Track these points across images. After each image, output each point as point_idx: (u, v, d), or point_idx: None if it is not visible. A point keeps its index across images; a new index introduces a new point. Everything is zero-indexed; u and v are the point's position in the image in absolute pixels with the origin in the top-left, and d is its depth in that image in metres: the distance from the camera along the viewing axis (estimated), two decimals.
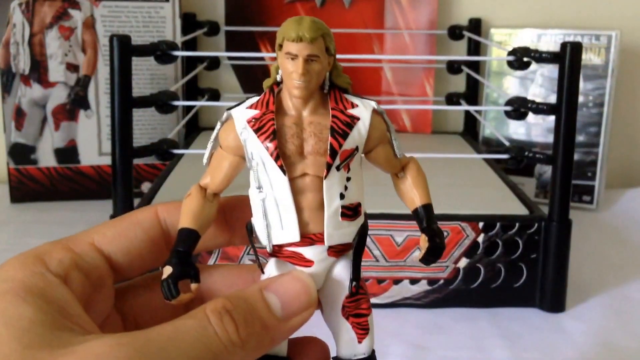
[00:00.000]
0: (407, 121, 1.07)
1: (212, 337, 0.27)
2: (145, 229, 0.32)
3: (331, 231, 0.31)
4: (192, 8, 1.04)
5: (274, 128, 0.30)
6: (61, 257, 0.29)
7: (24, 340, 0.25)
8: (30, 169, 0.94)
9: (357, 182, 0.32)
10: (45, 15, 0.91)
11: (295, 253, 0.31)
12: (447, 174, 0.80)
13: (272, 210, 0.31)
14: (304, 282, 0.30)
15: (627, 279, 0.76)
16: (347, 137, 0.31)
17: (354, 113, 0.31)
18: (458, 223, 0.67)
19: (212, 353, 0.27)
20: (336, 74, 0.32)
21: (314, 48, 0.30)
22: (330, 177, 0.31)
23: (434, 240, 0.32)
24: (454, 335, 0.64)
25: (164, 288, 0.29)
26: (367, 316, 0.32)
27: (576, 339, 0.63)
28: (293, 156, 0.30)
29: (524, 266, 0.68)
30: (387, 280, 0.67)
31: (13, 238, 0.83)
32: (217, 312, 0.27)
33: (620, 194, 1.01)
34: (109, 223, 0.32)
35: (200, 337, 0.27)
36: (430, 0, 1.03)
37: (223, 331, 0.27)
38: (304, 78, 0.30)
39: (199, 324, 0.27)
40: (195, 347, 0.26)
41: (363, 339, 0.32)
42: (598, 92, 0.95)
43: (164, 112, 0.69)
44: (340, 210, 0.31)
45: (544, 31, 0.97)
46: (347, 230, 0.32)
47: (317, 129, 0.31)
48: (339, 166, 0.31)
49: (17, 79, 0.92)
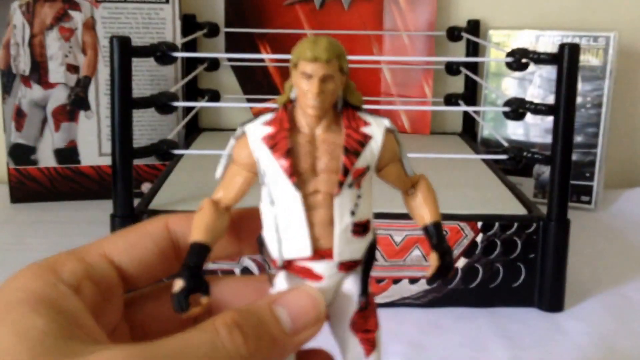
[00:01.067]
0: (406, 122, 1.07)
1: (221, 351, 0.27)
2: (155, 241, 0.33)
3: (342, 247, 0.31)
4: (192, 9, 1.04)
5: (288, 146, 0.31)
6: (73, 268, 0.30)
7: (35, 350, 0.25)
8: (31, 169, 0.94)
9: (367, 199, 0.32)
10: (46, 16, 0.91)
11: (305, 268, 0.32)
12: (446, 174, 0.81)
13: (284, 225, 0.31)
14: (313, 297, 0.31)
15: (626, 279, 0.76)
16: (359, 155, 0.31)
17: (366, 132, 0.32)
18: (457, 223, 0.67)
19: None
20: (349, 92, 0.33)
21: (329, 68, 0.31)
22: (341, 195, 0.31)
23: (445, 258, 0.33)
24: (453, 334, 0.64)
25: (175, 302, 0.30)
26: (375, 332, 0.33)
27: (575, 339, 0.63)
28: (306, 173, 0.31)
29: (522, 266, 0.68)
30: (386, 279, 0.68)
31: (13, 238, 0.83)
32: (227, 326, 0.28)
33: (618, 194, 1.01)
34: (119, 234, 0.33)
35: (208, 351, 0.27)
36: (429, 2, 1.03)
37: (232, 345, 0.27)
38: (319, 98, 0.30)
39: (208, 337, 0.27)
40: None
41: (370, 353, 0.33)
42: (596, 93, 0.95)
43: (163, 112, 0.70)
44: (351, 227, 0.32)
45: (542, 32, 0.98)
46: (357, 247, 0.32)
47: (330, 147, 0.31)
48: (351, 184, 0.31)
49: (17, 79, 0.92)
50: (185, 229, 0.33)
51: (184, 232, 0.33)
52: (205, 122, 1.08)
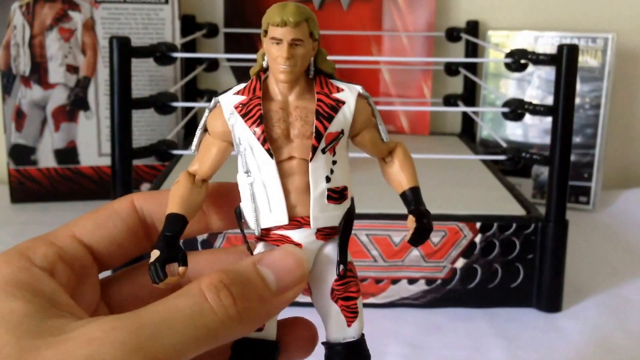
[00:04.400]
0: (404, 122, 1.07)
1: (209, 313, 0.27)
2: (123, 218, 0.33)
3: (317, 214, 0.31)
4: (191, 10, 1.04)
5: (260, 113, 0.31)
6: (45, 251, 0.30)
7: (17, 332, 0.25)
8: (30, 170, 0.94)
9: (343, 166, 0.32)
10: (46, 17, 0.92)
11: (283, 236, 0.32)
12: (445, 174, 0.81)
13: (260, 194, 0.31)
14: (297, 256, 0.31)
15: (623, 279, 0.76)
16: (332, 120, 0.31)
17: (339, 97, 0.32)
18: (455, 223, 0.67)
19: (208, 329, 0.27)
20: (321, 59, 0.33)
21: (298, 32, 0.31)
22: (315, 160, 0.31)
23: (421, 221, 0.32)
24: (451, 335, 0.64)
25: (151, 271, 0.29)
26: (356, 299, 0.32)
27: (573, 339, 0.64)
28: (280, 140, 0.31)
29: (520, 266, 0.68)
30: (385, 280, 0.68)
31: (13, 238, 0.83)
32: (214, 287, 0.27)
33: (616, 194, 1.02)
34: (87, 215, 0.33)
35: (195, 314, 0.27)
36: (428, 3, 1.04)
37: (220, 306, 0.27)
38: (288, 62, 0.31)
39: (195, 301, 0.27)
40: (190, 326, 0.26)
41: (352, 322, 0.32)
42: (594, 94, 0.95)
43: (163, 113, 0.70)
44: (327, 193, 0.31)
45: (541, 33, 0.98)
46: (334, 214, 0.32)
47: (303, 112, 0.31)
48: (325, 149, 0.31)
49: (17, 80, 0.92)
50: (151, 206, 0.33)
51: (150, 208, 0.33)
52: None
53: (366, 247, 0.67)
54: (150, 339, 0.25)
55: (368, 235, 0.67)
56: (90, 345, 0.24)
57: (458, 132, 1.09)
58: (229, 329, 0.27)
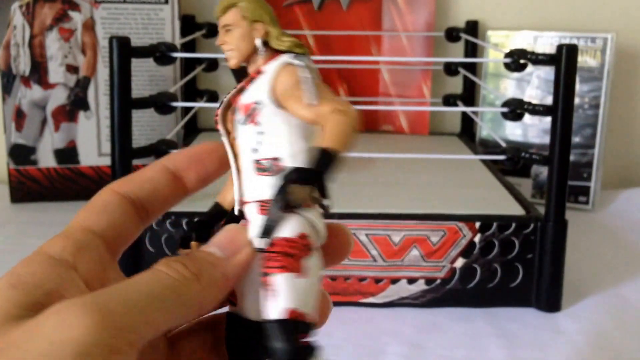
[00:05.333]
0: (404, 122, 1.07)
1: (165, 277, 0.28)
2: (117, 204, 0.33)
3: (248, 186, 0.31)
4: (191, 10, 1.04)
5: (224, 98, 0.32)
6: (64, 245, 0.30)
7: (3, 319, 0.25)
8: (30, 170, 0.94)
9: (275, 136, 0.31)
10: (46, 17, 0.92)
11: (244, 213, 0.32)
12: (444, 174, 0.81)
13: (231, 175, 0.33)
14: (234, 228, 0.31)
15: (623, 279, 0.76)
16: (243, 91, 0.32)
17: (263, 68, 0.32)
18: (455, 223, 0.67)
19: (170, 289, 0.27)
20: (271, 38, 0.32)
21: (227, 18, 0.32)
22: (238, 133, 0.32)
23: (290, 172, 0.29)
24: (451, 334, 0.64)
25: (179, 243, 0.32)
26: (272, 276, 0.29)
27: (572, 338, 0.64)
28: (230, 121, 0.32)
29: (520, 266, 0.68)
30: (384, 280, 0.68)
31: (13, 238, 0.83)
32: (163, 263, 0.29)
33: (615, 194, 1.02)
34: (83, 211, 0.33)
35: (154, 279, 0.27)
36: (428, 3, 1.04)
37: (173, 271, 0.28)
38: (224, 47, 0.32)
39: (150, 271, 0.28)
40: (152, 287, 0.27)
41: (269, 300, 0.29)
42: (594, 93, 0.95)
43: (163, 113, 0.70)
44: (254, 165, 0.31)
45: (540, 33, 0.98)
46: (265, 186, 0.31)
47: None
48: (244, 121, 0.31)
49: (17, 80, 0.92)
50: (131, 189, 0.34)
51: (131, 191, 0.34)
52: (204, 122, 1.09)
53: (366, 246, 0.67)
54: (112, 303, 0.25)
55: (367, 235, 0.67)
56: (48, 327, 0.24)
57: (457, 132, 1.09)
58: (190, 288, 0.28)
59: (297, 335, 0.29)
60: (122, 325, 0.25)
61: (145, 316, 0.26)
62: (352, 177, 0.78)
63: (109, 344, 0.24)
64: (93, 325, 0.24)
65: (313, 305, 0.30)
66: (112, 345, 0.24)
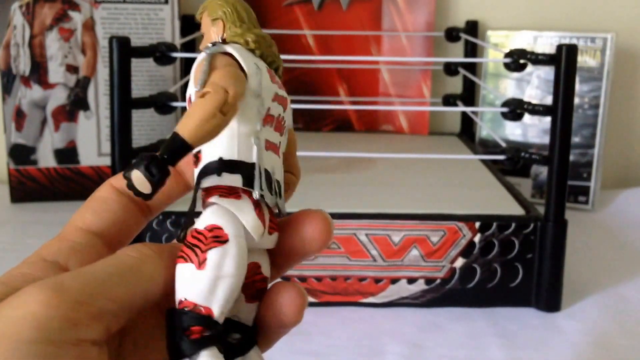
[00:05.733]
0: (404, 122, 1.07)
1: (125, 256, 0.28)
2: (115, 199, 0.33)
3: None
4: (191, 10, 1.04)
5: None
6: (58, 247, 0.30)
7: None
8: (30, 170, 0.94)
9: None
10: (46, 17, 0.92)
11: None
12: (444, 174, 0.81)
13: None
14: None
15: (622, 279, 0.76)
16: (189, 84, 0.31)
17: None
18: (455, 223, 0.67)
19: (129, 266, 0.27)
20: (229, 34, 0.32)
21: (202, 25, 0.33)
22: None
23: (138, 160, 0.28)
24: (451, 334, 0.64)
25: None
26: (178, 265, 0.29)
27: (572, 338, 0.64)
28: None
29: (519, 266, 0.68)
30: (384, 279, 0.68)
31: (13, 238, 0.83)
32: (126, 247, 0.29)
33: (615, 194, 1.02)
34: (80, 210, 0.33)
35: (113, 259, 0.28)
36: (427, 3, 1.04)
37: (134, 251, 0.28)
38: None
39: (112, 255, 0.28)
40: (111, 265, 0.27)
41: None
42: (593, 93, 0.95)
43: (163, 113, 0.70)
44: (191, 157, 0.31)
45: (540, 33, 0.98)
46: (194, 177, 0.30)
47: None
48: None
49: (17, 80, 0.92)
50: None
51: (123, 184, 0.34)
52: None
53: (365, 246, 0.67)
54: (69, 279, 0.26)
55: (367, 234, 0.67)
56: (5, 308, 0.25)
57: (457, 132, 1.09)
58: (150, 264, 0.28)
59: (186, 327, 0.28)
60: (79, 298, 0.25)
61: (104, 290, 0.26)
62: (352, 177, 0.78)
63: (68, 317, 0.24)
64: (49, 300, 0.24)
65: (220, 299, 0.28)
66: (71, 317, 0.24)
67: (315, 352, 0.33)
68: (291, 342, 0.57)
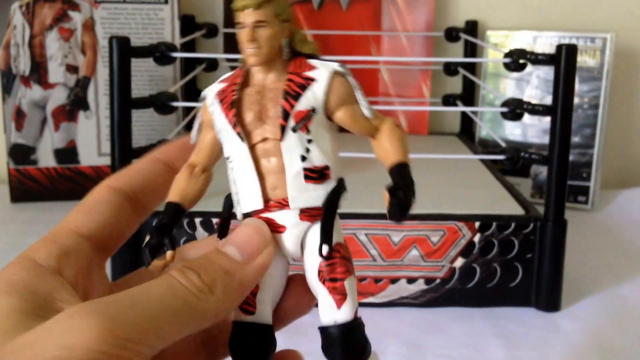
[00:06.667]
0: (404, 122, 1.07)
1: (179, 287, 0.27)
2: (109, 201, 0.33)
3: (294, 194, 0.31)
4: (191, 10, 1.04)
5: (234, 97, 0.31)
6: (49, 250, 0.30)
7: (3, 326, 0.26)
8: (30, 169, 0.94)
9: (322, 145, 0.32)
10: (45, 17, 0.92)
11: (267, 219, 0.32)
12: (444, 174, 0.81)
13: (239, 179, 0.32)
14: (254, 224, 0.31)
15: (622, 279, 0.76)
16: (299, 98, 0.31)
17: (310, 75, 0.31)
18: (454, 223, 0.67)
19: (183, 301, 0.27)
20: (297, 40, 0.32)
21: (260, 14, 0.31)
22: (286, 139, 0.31)
23: (397, 193, 0.31)
24: (450, 334, 0.64)
25: (142, 254, 0.31)
26: (342, 280, 0.31)
27: (571, 338, 0.64)
28: (253, 123, 0.31)
29: (519, 266, 0.68)
30: (384, 279, 0.68)
31: (13, 238, 0.83)
32: (178, 269, 0.28)
33: (615, 194, 1.02)
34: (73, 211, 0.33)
35: (167, 288, 0.27)
36: (427, 3, 1.04)
37: (186, 280, 0.28)
38: (252, 45, 0.31)
39: (164, 280, 0.28)
40: (165, 297, 0.27)
41: (341, 303, 0.31)
42: (593, 93, 0.95)
43: (163, 113, 0.70)
44: (303, 172, 0.31)
45: (539, 33, 0.98)
46: (314, 194, 0.31)
47: (275, 94, 0.31)
48: (295, 128, 0.31)
49: (17, 80, 0.92)
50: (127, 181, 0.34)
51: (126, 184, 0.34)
52: None
53: (365, 246, 0.67)
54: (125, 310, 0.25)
55: (367, 234, 0.67)
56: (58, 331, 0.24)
57: (457, 131, 1.09)
58: (203, 301, 0.28)
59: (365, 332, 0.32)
60: (132, 337, 0.25)
61: (157, 328, 0.26)
62: (352, 177, 0.78)
63: (118, 355, 0.24)
64: (102, 335, 0.24)
65: None
66: (121, 356, 0.24)
67: (315, 352, 0.33)
68: (291, 342, 0.57)
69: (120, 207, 0.33)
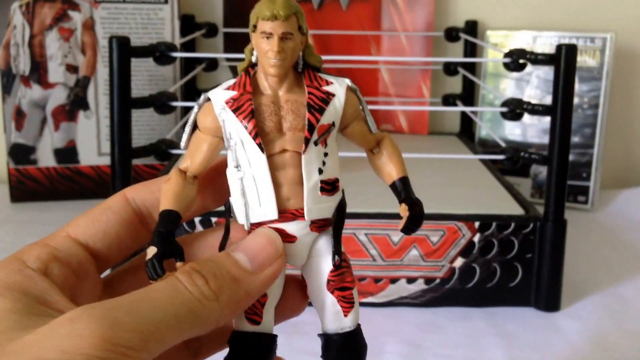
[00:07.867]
0: (403, 122, 1.07)
1: (184, 292, 0.27)
2: (116, 212, 0.33)
3: (311, 206, 0.32)
4: (190, 10, 1.04)
5: (252, 107, 0.31)
6: (38, 253, 0.30)
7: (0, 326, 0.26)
8: (30, 169, 0.94)
9: (334, 157, 0.32)
10: (45, 16, 0.92)
11: (278, 229, 0.32)
12: (444, 174, 0.81)
13: (250, 189, 0.31)
14: (267, 235, 0.31)
15: (622, 279, 0.76)
16: (323, 112, 0.31)
17: (329, 90, 0.32)
18: (454, 223, 0.67)
19: (186, 307, 0.27)
20: (309, 52, 0.33)
21: (288, 26, 0.31)
22: (308, 152, 0.31)
23: (414, 208, 0.33)
24: (450, 334, 0.64)
25: (149, 268, 0.29)
26: (351, 289, 0.33)
27: (571, 338, 0.64)
28: (272, 133, 0.31)
29: (519, 266, 0.68)
30: (383, 279, 0.68)
31: (13, 237, 0.83)
32: (185, 272, 0.28)
33: (614, 194, 1.02)
34: (81, 215, 0.33)
35: (171, 293, 0.27)
36: (427, 2, 1.04)
37: (193, 285, 0.28)
38: (279, 56, 0.31)
39: (169, 283, 0.27)
40: (168, 303, 0.27)
41: (348, 312, 0.33)
42: (593, 93, 0.95)
43: (162, 112, 0.70)
44: (319, 185, 0.32)
45: (539, 33, 0.98)
46: (326, 205, 0.32)
47: (294, 105, 0.31)
48: (317, 141, 0.31)
49: (17, 80, 0.92)
50: (143, 195, 0.33)
51: (142, 198, 0.33)
52: None
53: (365, 246, 0.67)
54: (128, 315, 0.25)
55: (367, 234, 0.67)
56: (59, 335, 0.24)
57: (457, 131, 1.09)
58: (208, 308, 0.28)
59: None
60: (132, 344, 0.25)
61: (158, 335, 0.26)
62: (352, 177, 0.78)
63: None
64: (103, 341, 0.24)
65: None
66: None
67: (315, 352, 0.33)
68: (291, 342, 0.57)
69: (127, 219, 0.33)
